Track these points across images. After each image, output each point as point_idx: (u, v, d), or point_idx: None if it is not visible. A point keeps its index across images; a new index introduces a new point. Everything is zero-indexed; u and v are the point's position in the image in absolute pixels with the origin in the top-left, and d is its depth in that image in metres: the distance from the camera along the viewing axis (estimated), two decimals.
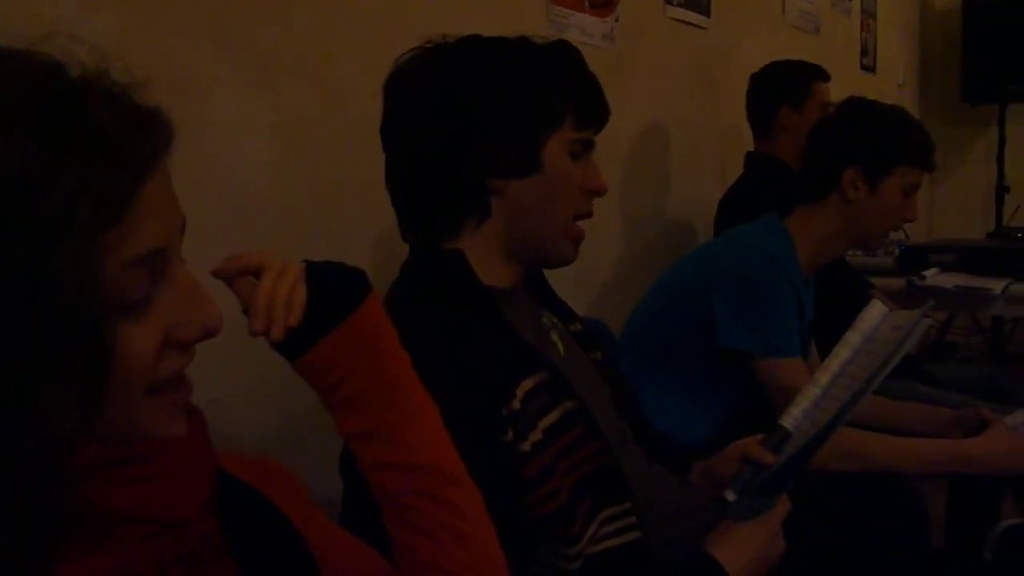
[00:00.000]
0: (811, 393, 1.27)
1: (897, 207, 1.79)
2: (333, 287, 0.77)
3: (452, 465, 0.80)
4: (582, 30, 2.35)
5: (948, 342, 4.95)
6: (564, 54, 1.19)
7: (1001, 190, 5.27)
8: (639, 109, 2.66)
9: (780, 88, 2.66)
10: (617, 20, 2.48)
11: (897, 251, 2.93)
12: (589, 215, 1.22)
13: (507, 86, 1.13)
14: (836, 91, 3.69)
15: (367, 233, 1.67)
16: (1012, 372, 4.57)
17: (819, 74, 2.66)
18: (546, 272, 1.30)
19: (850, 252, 2.46)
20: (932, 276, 2.77)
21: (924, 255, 2.91)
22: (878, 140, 1.78)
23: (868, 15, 4.50)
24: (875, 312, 1.28)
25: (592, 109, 1.20)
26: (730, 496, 1.22)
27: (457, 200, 1.15)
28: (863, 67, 4.45)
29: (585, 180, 1.19)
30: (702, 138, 3.00)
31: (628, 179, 2.62)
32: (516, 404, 1.05)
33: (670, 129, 2.83)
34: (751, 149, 2.73)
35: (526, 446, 1.04)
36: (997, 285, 2.63)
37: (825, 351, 1.27)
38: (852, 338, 1.29)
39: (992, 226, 5.12)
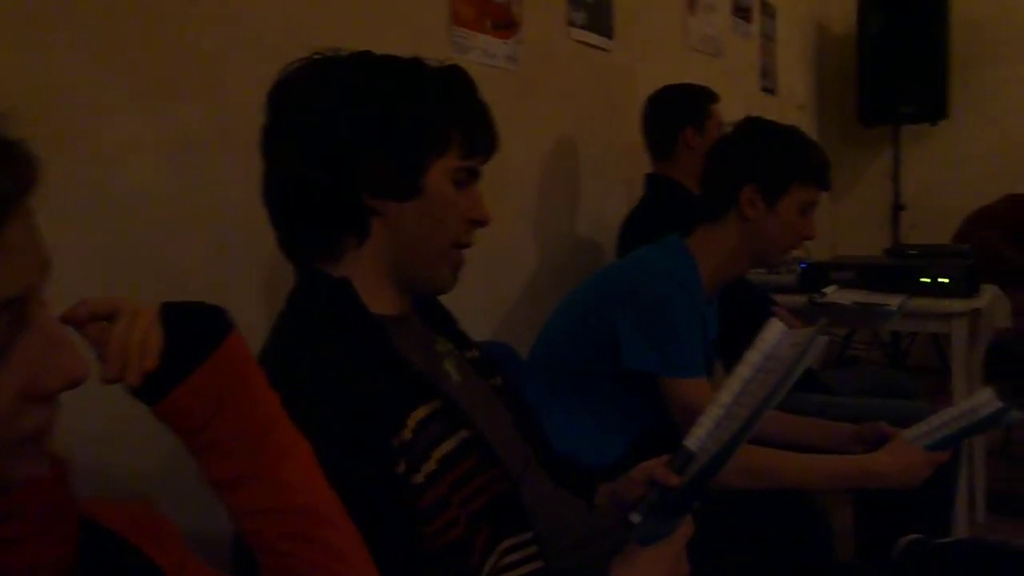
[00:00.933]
0: (713, 413, 1.27)
1: (795, 225, 1.81)
2: (191, 327, 0.74)
3: (327, 505, 0.77)
4: (485, 52, 2.34)
5: (850, 356, 5.09)
6: (456, 79, 1.17)
7: (897, 208, 5.47)
8: (546, 130, 2.67)
9: (683, 109, 2.69)
10: (521, 42, 2.48)
11: (799, 269, 2.99)
12: (469, 245, 1.19)
13: (394, 105, 1.10)
14: (738, 112, 3.76)
15: (260, 257, 1.62)
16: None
17: (713, 96, 2.71)
18: (452, 293, 1.27)
19: (753, 270, 2.50)
20: (832, 293, 2.82)
21: (825, 272, 2.97)
22: (774, 159, 1.80)
23: (768, 39, 4.62)
24: (774, 331, 1.29)
25: (480, 137, 1.17)
26: (635, 519, 1.21)
27: (335, 218, 1.11)
28: (764, 89, 4.56)
29: (468, 209, 1.16)
30: (609, 158, 3.02)
31: (537, 199, 2.62)
32: (407, 434, 1.02)
33: (577, 149, 2.85)
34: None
35: (419, 477, 1.01)
36: (894, 301, 2.70)
37: (730, 368, 1.28)
38: (752, 357, 1.30)
39: (889, 243, 5.29)
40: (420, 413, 1.05)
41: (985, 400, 1.67)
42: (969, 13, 5.54)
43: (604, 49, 2.95)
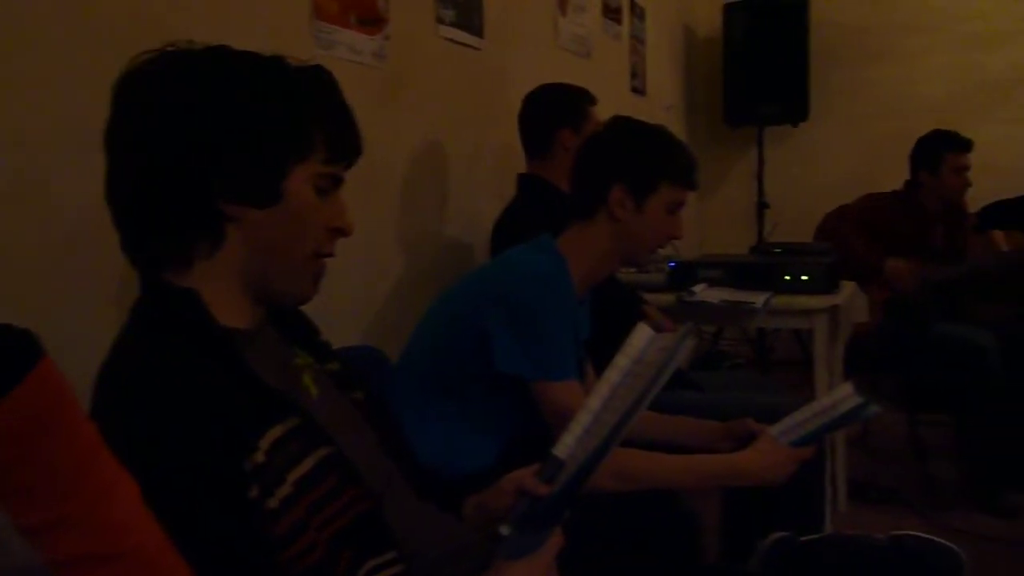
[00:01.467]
0: (583, 419, 1.26)
1: (663, 225, 1.82)
2: None
3: (157, 547, 0.70)
4: (351, 47, 2.27)
5: (719, 351, 5.22)
6: (320, 81, 1.10)
7: (761, 206, 5.64)
8: (415, 128, 2.62)
9: (561, 110, 2.67)
10: (388, 38, 2.42)
11: (668, 268, 3.03)
12: (330, 255, 1.13)
13: (254, 105, 1.03)
14: (608, 112, 3.79)
15: (113, 264, 1.52)
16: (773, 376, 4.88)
17: (591, 98, 2.70)
18: (319, 296, 1.20)
19: (624, 269, 2.52)
20: (701, 291, 2.87)
21: (693, 271, 3.02)
22: (643, 159, 1.80)
23: (637, 40, 4.68)
24: (642, 335, 1.28)
25: (344, 143, 1.11)
26: (505, 531, 1.19)
27: (186, 222, 1.04)
28: (633, 90, 4.61)
29: (330, 218, 1.11)
30: (480, 158, 2.99)
31: (406, 199, 2.56)
32: (260, 457, 0.95)
33: (447, 148, 2.80)
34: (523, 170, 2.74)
35: (274, 502, 0.95)
36: (759, 299, 2.77)
37: (601, 369, 1.27)
38: (621, 362, 1.29)
39: (754, 240, 5.45)
40: (275, 433, 0.99)
41: (845, 396, 1.72)
42: (827, 18, 5.76)
43: (474, 47, 2.91)
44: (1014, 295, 3.84)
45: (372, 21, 2.37)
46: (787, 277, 2.91)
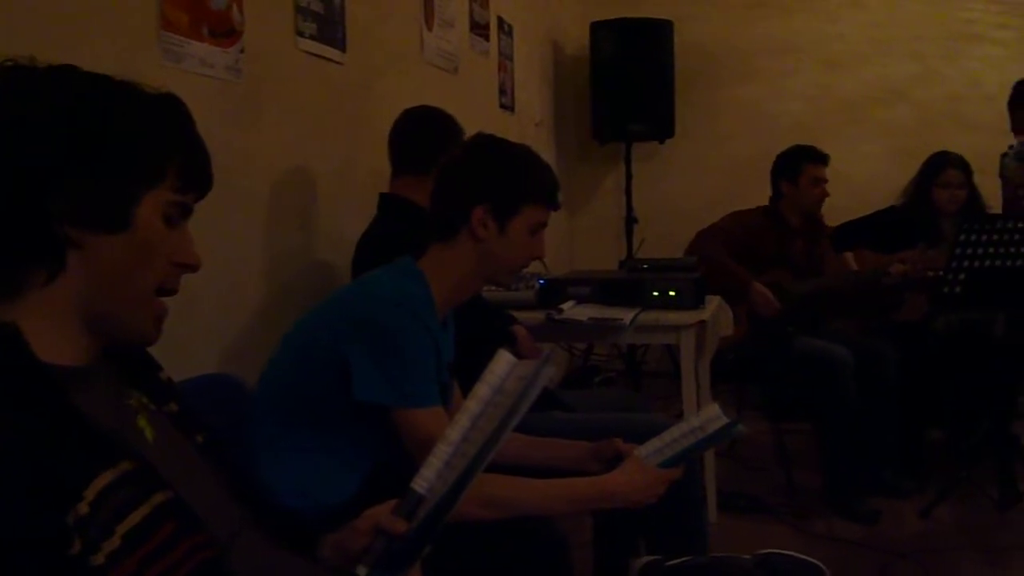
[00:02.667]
0: (443, 452, 1.22)
1: (525, 245, 1.79)
2: None
3: None
4: (202, 60, 2.17)
5: (590, 365, 5.26)
6: (173, 108, 1.06)
7: (630, 222, 5.72)
8: (276, 144, 2.52)
9: (447, 132, 2.61)
10: (243, 51, 2.33)
11: (537, 285, 3.01)
12: (174, 291, 1.06)
13: (106, 125, 0.97)
14: (477, 129, 3.78)
15: None
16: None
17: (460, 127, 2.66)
18: (173, 322, 1.12)
19: (490, 288, 2.48)
20: (569, 309, 2.87)
21: (562, 288, 3.02)
22: (506, 180, 1.77)
23: (505, 57, 4.68)
24: (502, 363, 1.25)
25: (198, 172, 1.06)
26: (362, 572, 1.15)
27: (19, 247, 0.96)
28: (502, 106, 4.61)
29: (177, 251, 1.04)
30: (345, 176, 2.91)
31: (266, 219, 2.47)
32: (84, 508, 0.87)
33: (312, 166, 2.72)
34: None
35: (99, 558, 0.87)
36: (627, 315, 2.78)
37: (468, 389, 1.24)
38: (481, 391, 1.26)
39: (624, 255, 5.52)
40: (103, 480, 0.90)
41: (712, 416, 1.73)
42: (692, 39, 5.91)
43: (336, 62, 2.84)
44: (860, 311, 4.00)
45: (226, 33, 2.27)
46: (655, 293, 2.94)
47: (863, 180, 5.61)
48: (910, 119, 5.90)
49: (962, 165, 4.00)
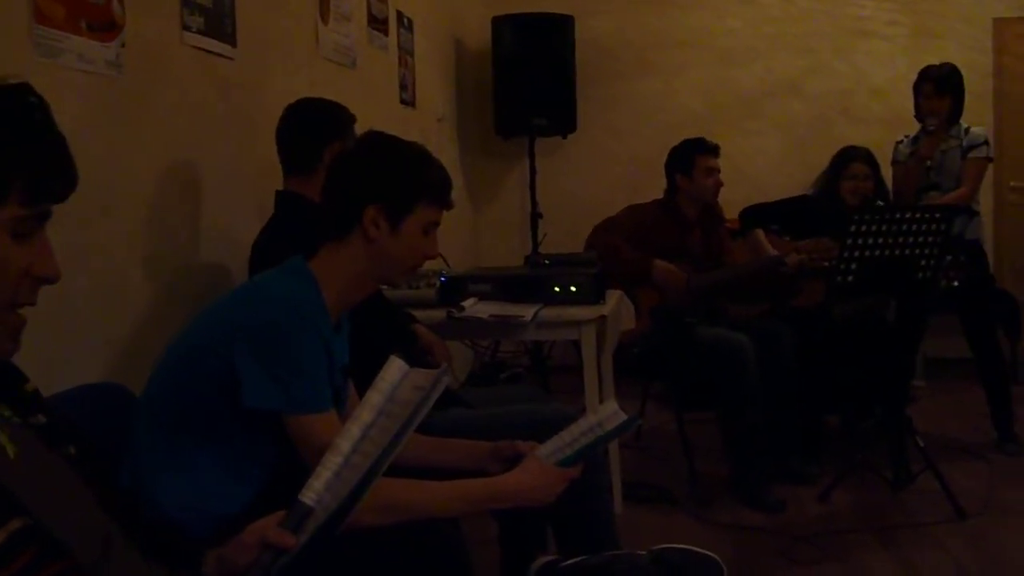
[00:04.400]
0: (332, 462, 1.19)
1: (419, 245, 1.76)
2: None
3: None
4: (80, 56, 2.07)
5: (497, 361, 5.25)
6: (22, 107, 0.97)
7: (535, 217, 5.72)
8: (160, 143, 2.43)
9: (329, 125, 2.54)
10: (124, 46, 2.23)
11: (438, 282, 2.98)
12: (31, 303, 1.00)
13: None
14: (378, 125, 3.70)
15: None
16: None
17: (351, 114, 2.60)
18: (52, 331, 1.05)
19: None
20: (470, 306, 2.85)
21: (464, 285, 2.99)
22: (398, 179, 1.74)
23: (405, 52, 4.62)
24: (394, 370, 1.23)
25: (52, 178, 0.99)
26: None
27: None
28: (403, 101, 4.56)
29: (32, 264, 0.98)
30: (238, 174, 2.83)
31: (151, 221, 2.37)
32: None
33: (200, 165, 2.63)
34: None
35: None
36: (528, 312, 2.77)
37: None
38: (373, 398, 1.23)
39: (529, 251, 5.53)
40: None
41: (611, 413, 1.72)
42: (592, 34, 5.96)
43: (226, 57, 2.75)
44: (758, 298, 4.09)
45: (105, 27, 2.17)
46: (556, 289, 2.94)
47: (758, 172, 5.74)
48: (802, 113, 6.05)
49: (868, 159, 4.13)
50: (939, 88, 4.15)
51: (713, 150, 3.93)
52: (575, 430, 1.76)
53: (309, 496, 1.15)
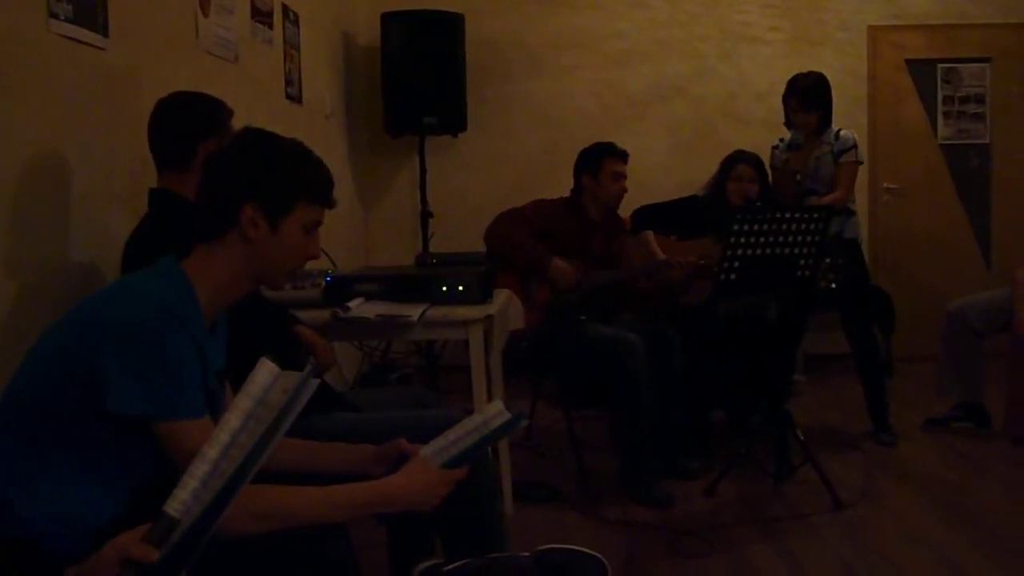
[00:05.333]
0: (199, 471, 1.14)
1: (299, 245, 1.71)
2: None
3: None
4: None
5: (388, 361, 5.19)
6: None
7: (425, 216, 5.69)
8: (23, 138, 2.30)
9: (204, 119, 2.44)
10: None
11: (324, 282, 2.92)
12: None
13: None
14: (262, 121, 3.61)
15: None
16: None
17: (229, 109, 2.50)
18: None
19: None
20: (356, 307, 2.79)
21: (350, 285, 2.94)
22: (278, 177, 1.67)
23: (291, 46, 4.52)
24: (264, 373, 1.18)
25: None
26: None
27: None
28: (289, 97, 4.45)
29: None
30: (109, 171, 2.70)
31: (15, 218, 2.25)
32: None
33: (68, 160, 2.50)
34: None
35: None
36: (415, 312, 2.74)
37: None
38: (242, 403, 1.18)
39: (420, 249, 5.49)
40: None
41: (496, 413, 1.71)
42: (483, 33, 5.95)
43: (98, 47, 2.63)
44: (649, 301, 4.16)
45: None
46: (443, 288, 2.92)
47: (647, 172, 5.82)
48: (688, 114, 6.19)
49: (755, 162, 4.24)
50: (805, 104, 4.28)
51: (621, 155, 3.98)
52: (460, 430, 1.74)
53: (174, 507, 1.10)
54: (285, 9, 4.42)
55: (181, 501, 1.11)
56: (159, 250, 1.77)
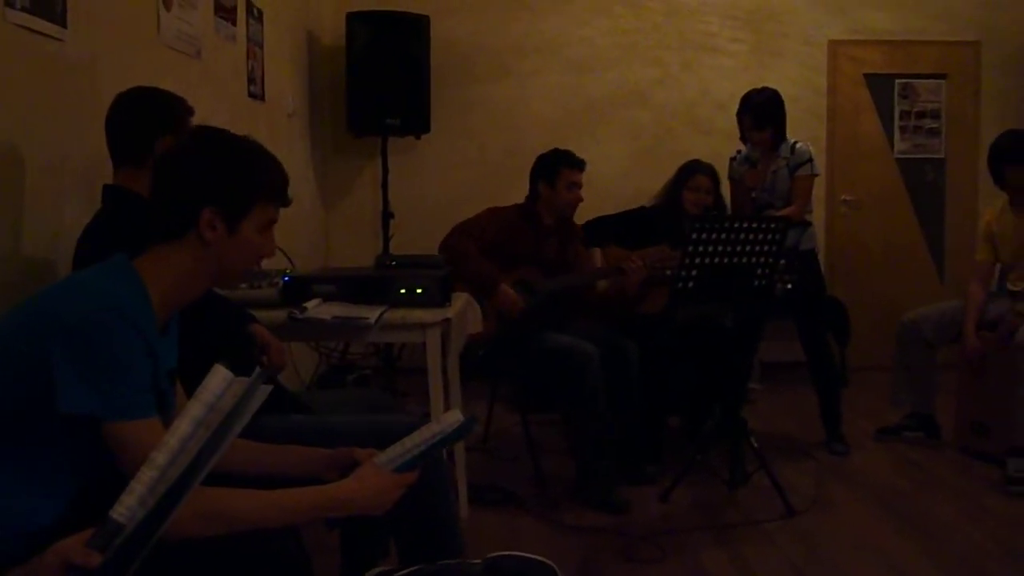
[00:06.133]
0: (147, 477, 1.12)
1: (255, 245, 1.69)
2: None
3: None
4: None
5: (346, 363, 5.16)
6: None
7: (387, 217, 5.67)
8: None
9: (162, 115, 2.40)
10: None
11: (281, 282, 2.89)
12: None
13: None
14: (224, 118, 3.60)
15: None
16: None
17: (188, 105, 2.46)
18: None
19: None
20: (313, 308, 2.77)
21: (307, 286, 2.91)
22: (235, 179, 1.66)
23: (255, 43, 4.48)
24: (218, 379, 1.17)
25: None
26: None
27: None
28: (251, 95, 4.41)
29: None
30: (64, 166, 2.66)
31: None
32: None
33: (23, 154, 2.46)
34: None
35: None
36: (372, 314, 2.72)
37: None
38: (194, 409, 1.17)
39: (381, 250, 5.47)
40: None
41: (453, 421, 1.70)
42: (448, 35, 5.95)
43: (55, 38, 2.58)
44: (604, 309, 4.18)
45: None
46: (402, 291, 2.90)
47: (607, 178, 5.86)
48: (649, 122, 6.23)
49: (711, 173, 4.28)
50: (758, 121, 4.33)
51: (579, 164, 3.99)
52: (416, 438, 1.73)
53: (120, 512, 1.08)
54: (249, 6, 4.39)
55: (127, 506, 1.09)
56: (111, 247, 1.74)
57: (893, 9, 6.25)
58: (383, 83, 5.46)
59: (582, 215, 4.32)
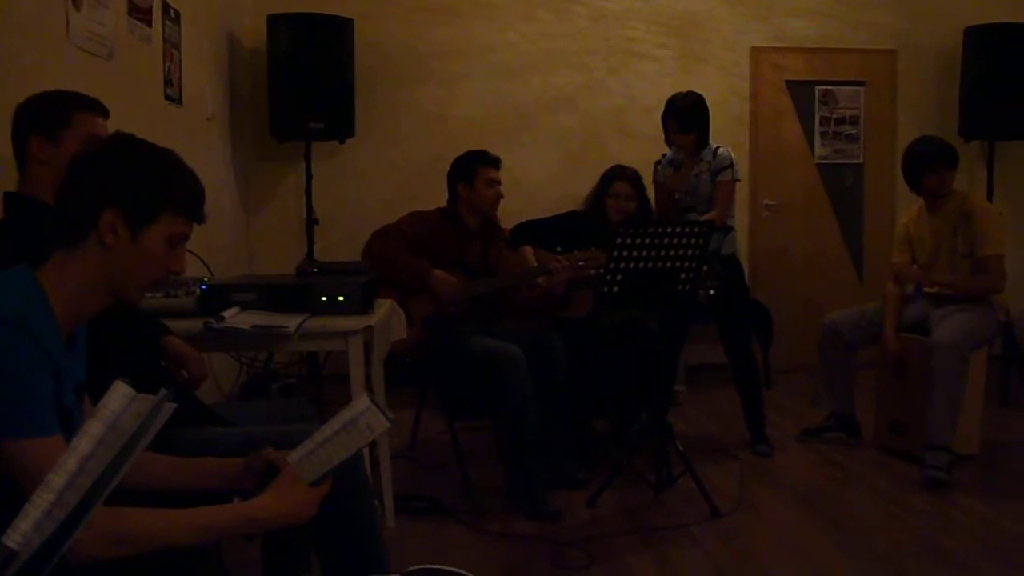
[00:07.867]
0: (42, 500, 1.07)
1: (161, 258, 1.62)
2: None
3: None
4: None
5: (271, 371, 5.06)
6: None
7: (311, 223, 5.58)
8: None
9: (35, 114, 2.28)
10: None
11: (199, 291, 2.82)
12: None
13: None
14: (139, 122, 3.49)
15: None
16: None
17: (88, 105, 2.35)
18: None
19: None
20: (231, 317, 2.70)
21: (226, 294, 2.84)
22: (143, 183, 1.59)
23: (172, 45, 4.37)
24: (118, 396, 1.11)
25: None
26: None
27: None
28: (168, 98, 4.30)
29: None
30: None
31: None
32: None
33: None
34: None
35: None
36: (292, 323, 2.66)
37: None
38: (93, 428, 1.12)
39: (305, 256, 5.38)
40: None
41: (363, 408, 1.66)
42: (372, 39, 5.89)
43: None
44: (531, 312, 4.17)
45: None
46: (323, 298, 2.85)
47: (534, 183, 5.86)
48: (577, 127, 6.25)
49: (633, 179, 4.29)
50: (682, 125, 4.38)
51: (494, 162, 3.97)
52: (327, 430, 1.69)
53: (14, 539, 1.02)
54: (165, 6, 4.28)
55: (21, 532, 1.03)
56: (9, 257, 1.67)
57: (814, 17, 6.38)
58: (306, 87, 5.38)
59: (510, 219, 4.31)
